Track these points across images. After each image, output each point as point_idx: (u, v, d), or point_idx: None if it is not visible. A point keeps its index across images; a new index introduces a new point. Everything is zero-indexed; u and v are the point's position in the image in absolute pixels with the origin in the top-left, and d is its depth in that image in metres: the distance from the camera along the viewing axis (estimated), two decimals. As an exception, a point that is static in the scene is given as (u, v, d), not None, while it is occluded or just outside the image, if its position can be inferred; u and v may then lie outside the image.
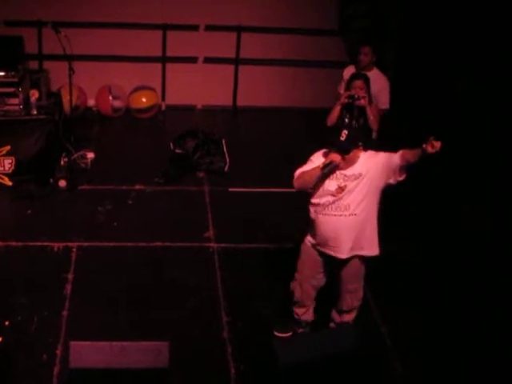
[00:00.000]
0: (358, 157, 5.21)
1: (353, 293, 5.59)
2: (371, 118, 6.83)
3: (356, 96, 6.78)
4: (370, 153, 5.28)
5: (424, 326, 6.12)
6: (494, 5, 7.45)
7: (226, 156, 8.66)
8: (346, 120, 6.89)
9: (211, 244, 7.12)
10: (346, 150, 5.14)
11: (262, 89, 10.18)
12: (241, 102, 10.35)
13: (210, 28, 9.93)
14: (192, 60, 10.14)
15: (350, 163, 5.19)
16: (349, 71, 7.34)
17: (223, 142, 8.79)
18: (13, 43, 8.38)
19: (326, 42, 10.03)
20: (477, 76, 7.65)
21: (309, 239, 5.53)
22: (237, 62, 10.14)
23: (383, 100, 7.25)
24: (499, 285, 6.53)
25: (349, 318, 5.69)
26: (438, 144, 4.85)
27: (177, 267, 6.73)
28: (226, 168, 8.60)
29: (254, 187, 8.16)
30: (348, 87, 6.93)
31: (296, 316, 5.80)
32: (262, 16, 9.82)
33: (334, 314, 5.76)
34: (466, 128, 7.73)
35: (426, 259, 6.92)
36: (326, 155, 5.22)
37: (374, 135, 7.24)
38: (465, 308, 6.30)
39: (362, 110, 6.82)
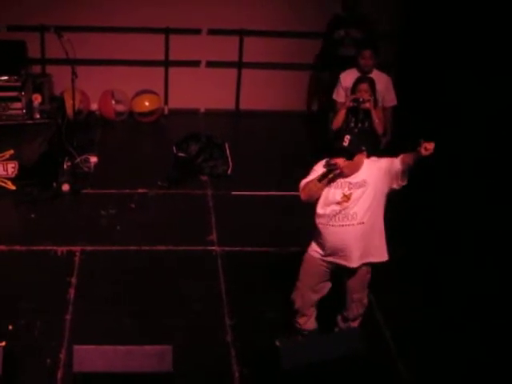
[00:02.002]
0: (362, 162, 5.20)
1: (358, 302, 5.56)
2: (376, 121, 6.84)
3: (361, 99, 6.78)
4: (373, 159, 5.27)
5: (429, 329, 6.10)
6: (494, 5, 7.45)
7: (229, 159, 8.65)
8: (352, 124, 6.89)
9: (214, 247, 7.11)
10: (351, 155, 5.13)
11: (264, 92, 10.16)
12: (244, 106, 10.34)
13: (212, 32, 9.92)
14: (195, 64, 10.13)
15: (354, 170, 5.18)
16: (347, 76, 7.32)
17: (226, 145, 8.78)
18: (15, 48, 8.37)
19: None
20: (478, 77, 7.64)
21: (315, 249, 5.45)
22: (239, 65, 10.13)
23: (390, 97, 7.25)
24: (506, 287, 6.50)
25: (354, 325, 5.64)
26: (430, 146, 4.84)
27: (180, 271, 6.73)
28: (229, 171, 8.59)
29: (257, 190, 8.15)
30: (353, 91, 6.93)
31: (298, 326, 5.72)
32: (265, 20, 9.80)
33: (340, 321, 5.72)
34: (470, 130, 7.71)
35: (429, 262, 6.91)
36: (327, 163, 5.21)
37: (388, 138, 7.22)
38: (470, 311, 6.28)
39: (367, 113, 6.83)
